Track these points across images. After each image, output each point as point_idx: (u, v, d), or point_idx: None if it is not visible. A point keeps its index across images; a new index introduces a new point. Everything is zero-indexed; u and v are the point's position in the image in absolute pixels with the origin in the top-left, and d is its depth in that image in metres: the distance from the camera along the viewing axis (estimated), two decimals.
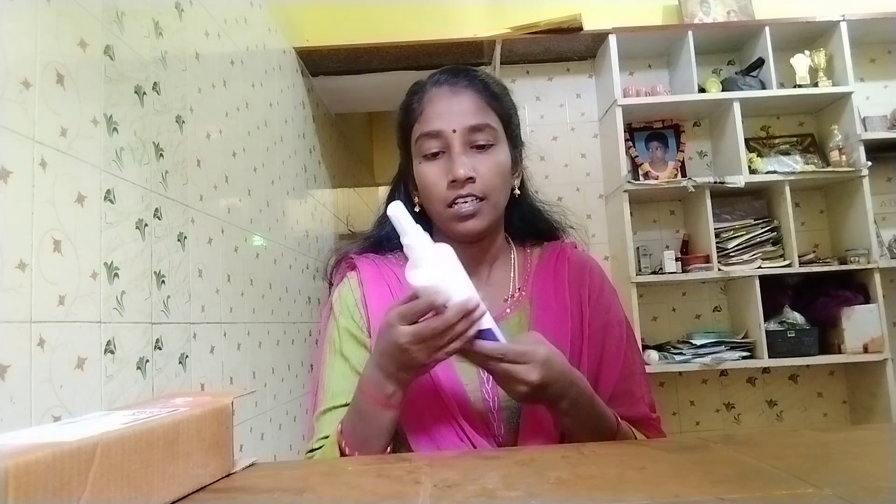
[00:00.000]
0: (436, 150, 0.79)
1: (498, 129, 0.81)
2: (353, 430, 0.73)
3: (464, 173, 0.76)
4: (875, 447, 0.56)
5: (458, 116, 0.78)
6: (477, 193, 0.77)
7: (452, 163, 0.77)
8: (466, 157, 0.77)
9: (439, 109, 0.79)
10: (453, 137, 0.78)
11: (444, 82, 0.82)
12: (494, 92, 0.83)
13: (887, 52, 2.78)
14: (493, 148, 0.80)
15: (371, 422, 0.71)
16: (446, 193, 0.78)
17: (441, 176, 0.78)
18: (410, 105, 0.83)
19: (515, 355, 0.66)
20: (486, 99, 0.82)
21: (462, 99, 0.80)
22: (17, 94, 0.89)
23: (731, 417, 2.65)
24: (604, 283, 0.87)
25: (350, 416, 0.74)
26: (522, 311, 0.84)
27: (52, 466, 0.35)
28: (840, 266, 2.46)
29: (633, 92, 2.59)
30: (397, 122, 0.86)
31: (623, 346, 0.83)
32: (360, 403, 0.72)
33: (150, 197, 1.26)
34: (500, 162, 0.80)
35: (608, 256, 2.67)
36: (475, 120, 0.79)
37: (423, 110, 0.81)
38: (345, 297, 0.85)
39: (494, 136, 0.80)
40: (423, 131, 0.80)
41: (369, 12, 2.62)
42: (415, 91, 0.84)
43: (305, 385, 2.27)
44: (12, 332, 0.85)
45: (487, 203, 0.78)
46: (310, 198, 2.61)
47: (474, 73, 0.84)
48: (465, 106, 0.79)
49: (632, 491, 0.43)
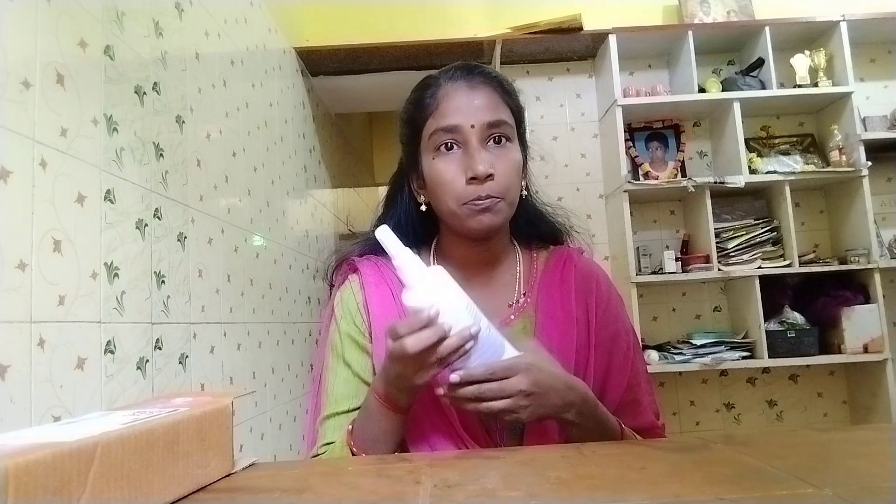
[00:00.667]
0: (451, 143, 0.77)
1: (512, 126, 0.80)
2: (361, 431, 0.73)
3: (483, 170, 0.74)
4: (875, 447, 0.55)
5: (477, 112, 0.77)
6: (496, 193, 0.75)
7: (472, 159, 0.75)
8: (485, 153, 0.76)
9: (457, 104, 0.77)
10: (471, 133, 0.76)
11: (459, 77, 0.80)
12: (508, 90, 0.82)
13: (887, 52, 2.78)
14: (509, 144, 0.79)
15: (378, 423, 0.71)
16: (464, 190, 0.75)
17: (458, 172, 0.76)
18: (423, 100, 0.80)
19: (502, 371, 0.65)
20: (502, 95, 0.80)
21: (479, 94, 0.78)
22: (17, 94, 0.89)
23: (731, 417, 2.65)
24: (611, 293, 0.86)
25: (360, 416, 0.75)
26: (527, 318, 0.82)
27: (52, 466, 0.35)
28: (840, 266, 2.46)
29: (633, 92, 2.59)
30: (405, 117, 0.84)
31: (630, 357, 0.82)
32: (370, 403, 0.72)
33: (150, 197, 1.25)
34: (516, 159, 0.79)
35: (608, 256, 2.67)
36: (493, 116, 0.77)
37: (438, 105, 0.78)
38: (346, 300, 0.84)
39: (510, 133, 0.79)
40: (439, 126, 0.77)
41: (369, 12, 2.62)
42: (427, 85, 0.81)
43: (305, 385, 2.27)
44: (12, 332, 0.85)
45: (504, 202, 0.77)
46: (310, 198, 2.61)
47: (489, 70, 0.82)
48: (482, 101, 0.77)
49: (632, 491, 0.43)
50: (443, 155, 0.77)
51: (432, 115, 0.79)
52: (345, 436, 0.74)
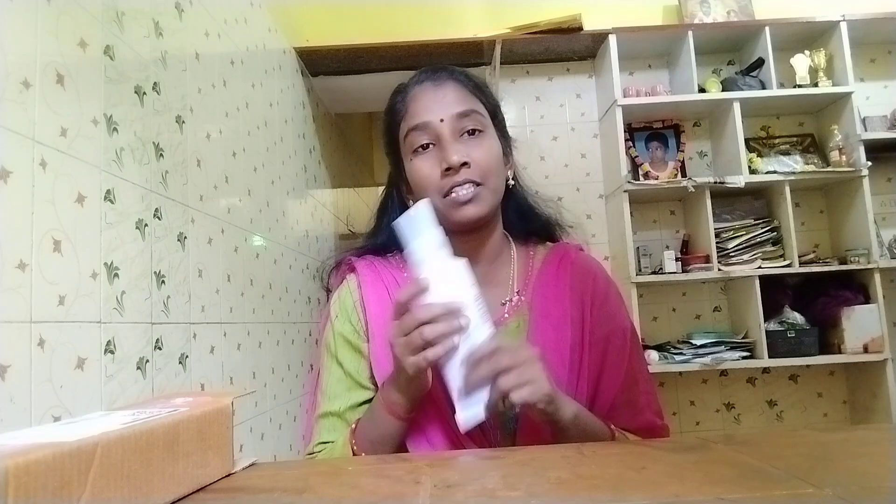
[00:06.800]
0: (426, 141, 0.78)
1: (485, 117, 0.81)
2: (364, 430, 0.74)
3: (457, 159, 0.75)
4: (875, 447, 0.55)
5: (444, 106, 0.78)
6: (474, 178, 0.76)
7: (444, 151, 0.76)
8: (458, 144, 0.77)
9: (424, 102, 0.79)
10: (442, 127, 0.77)
11: (425, 79, 0.82)
12: (476, 83, 0.84)
13: (887, 52, 2.78)
14: (483, 134, 0.79)
15: (378, 425, 0.72)
16: (442, 182, 0.76)
17: (434, 166, 0.77)
18: (395, 106, 0.83)
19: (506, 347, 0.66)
20: (470, 88, 0.82)
21: (446, 91, 0.80)
22: (17, 94, 0.89)
23: (731, 417, 2.65)
24: (609, 289, 0.85)
25: (365, 417, 0.76)
26: (521, 316, 0.82)
27: (52, 466, 0.35)
28: (840, 266, 2.46)
29: (633, 92, 2.59)
30: (384, 126, 0.86)
31: (626, 355, 0.81)
32: (375, 404, 0.73)
33: (150, 197, 1.25)
34: (493, 147, 0.80)
35: (608, 256, 2.67)
36: (461, 107, 0.78)
37: (407, 107, 0.81)
38: (343, 299, 0.84)
39: (483, 123, 0.80)
40: (409, 126, 0.79)
41: (369, 12, 2.62)
42: (397, 91, 0.85)
43: (305, 385, 2.27)
44: (12, 332, 0.85)
45: (486, 188, 0.77)
46: (310, 198, 2.61)
47: (454, 68, 0.84)
48: (449, 97, 0.79)
49: (632, 491, 0.43)
50: (419, 154, 0.79)
51: (404, 118, 0.81)
52: (348, 434, 0.75)
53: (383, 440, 0.72)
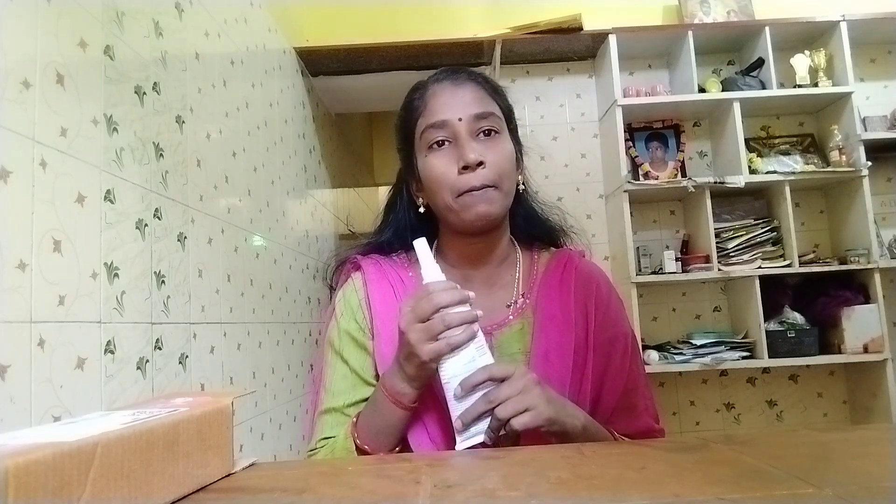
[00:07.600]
0: (442, 138, 0.78)
1: (502, 120, 0.82)
2: (366, 422, 0.74)
3: (474, 157, 0.75)
4: (875, 447, 0.55)
5: (464, 106, 0.79)
6: (489, 182, 0.76)
7: (462, 149, 0.76)
8: (475, 143, 0.77)
9: (444, 100, 0.80)
10: (459, 126, 0.78)
11: (444, 78, 0.83)
12: (494, 86, 0.85)
13: (887, 52, 2.78)
14: (499, 136, 0.80)
15: (382, 416, 0.73)
16: (457, 181, 0.77)
17: (450, 165, 0.77)
18: (412, 103, 0.84)
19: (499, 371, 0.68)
20: (488, 91, 0.83)
21: (465, 91, 0.80)
22: (17, 94, 0.89)
23: (731, 417, 2.65)
24: (611, 296, 0.86)
25: (366, 408, 0.76)
26: (525, 319, 0.83)
27: (52, 466, 0.35)
28: (840, 266, 2.46)
29: (633, 92, 2.59)
30: (399, 122, 0.86)
31: (627, 361, 0.82)
32: (377, 396, 0.74)
33: (150, 197, 1.25)
34: (508, 150, 0.80)
35: (608, 256, 2.67)
36: (480, 108, 0.79)
37: (426, 104, 0.81)
38: (348, 297, 0.85)
39: (499, 125, 0.81)
40: (428, 123, 0.79)
41: (369, 12, 2.62)
42: (416, 88, 0.85)
43: (305, 385, 2.27)
44: (12, 332, 0.85)
45: (499, 191, 0.78)
46: (310, 198, 2.61)
47: (473, 70, 0.85)
48: (468, 96, 0.80)
49: (632, 491, 0.43)
50: (435, 151, 0.79)
51: (422, 115, 0.81)
52: (349, 427, 0.75)
53: (388, 431, 0.73)
